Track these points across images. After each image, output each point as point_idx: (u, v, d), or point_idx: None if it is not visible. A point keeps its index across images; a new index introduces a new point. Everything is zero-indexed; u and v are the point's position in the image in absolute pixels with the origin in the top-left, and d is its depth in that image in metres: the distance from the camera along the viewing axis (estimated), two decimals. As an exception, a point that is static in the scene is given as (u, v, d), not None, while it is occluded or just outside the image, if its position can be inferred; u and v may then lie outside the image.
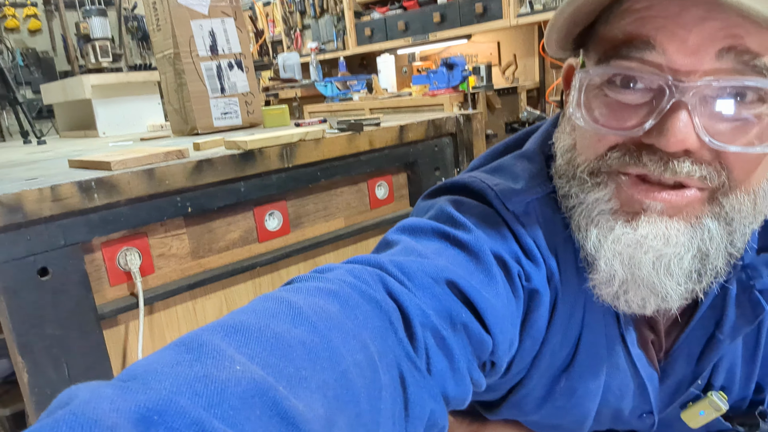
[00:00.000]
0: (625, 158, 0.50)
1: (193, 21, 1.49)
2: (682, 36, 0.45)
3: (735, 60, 0.45)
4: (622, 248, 0.50)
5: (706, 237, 0.50)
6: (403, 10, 3.57)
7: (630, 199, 0.51)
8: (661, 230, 0.49)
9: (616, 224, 0.51)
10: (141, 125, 2.38)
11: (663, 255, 0.50)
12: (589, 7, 0.49)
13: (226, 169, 1.05)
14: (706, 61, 0.45)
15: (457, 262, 0.53)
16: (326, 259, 1.33)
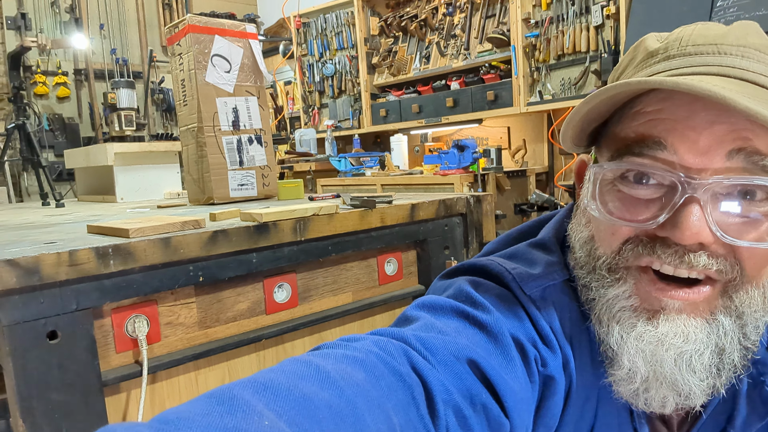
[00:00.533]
0: (639, 249, 0.51)
1: (219, 98, 1.57)
2: (692, 138, 0.48)
3: (745, 160, 0.48)
4: (645, 345, 0.51)
5: (722, 332, 0.51)
6: (418, 94, 3.72)
7: (649, 297, 0.52)
8: (681, 328, 0.50)
9: (638, 321, 0.52)
10: (158, 192, 2.44)
11: (684, 352, 0.50)
12: (603, 108, 0.53)
13: (240, 240, 1.07)
14: (716, 160, 0.48)
15: (476, 342, 0.53)
16: (332, 333, 1.33)
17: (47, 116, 4.75)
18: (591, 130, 0.57)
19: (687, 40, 0.53)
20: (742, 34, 0.52)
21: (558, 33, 2.90)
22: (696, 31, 0.53)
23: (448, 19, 3.55)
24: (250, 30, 1.67)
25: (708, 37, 0.52)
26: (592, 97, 0.51)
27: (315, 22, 4.39)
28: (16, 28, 4.60)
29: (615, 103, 0.52)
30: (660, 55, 0.54)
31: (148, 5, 5.29)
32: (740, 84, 0.48)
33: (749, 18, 2.17)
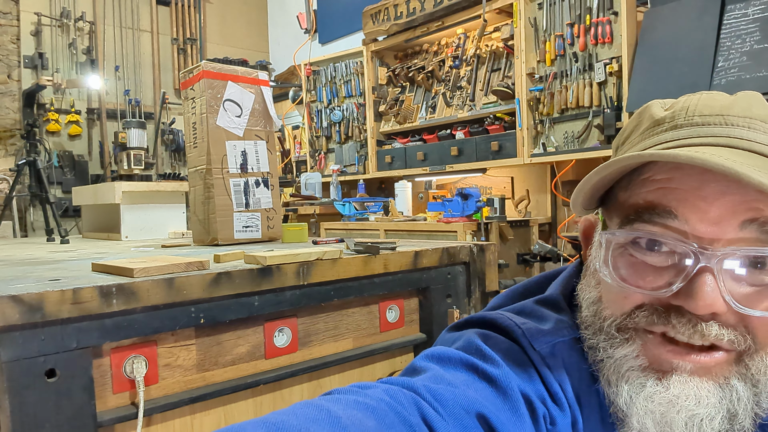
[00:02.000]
0: (653, 318, 0.51)
1: (228, 141, 1.60)
2: (703, 208, 0.49)
3: (758, 230, 0.48)
4: (655, 407, 0.51)
5: (734, 398, 0.50)
6: (423, 142, 3.77)
7: (658, 358, 0.52)
8: (693, 390, 0.50)
9: (647, 381, 0.52)
10: (163, 232, 2.46)
11: (696, 415, 0.50)
12: (612, 176, 0.54)
13: (243, 282, 1.08)
14: (729, 231, 0.48)
15: (486, 396, 0.52)
16: (331, 381, 1.31)
17: (57, 153, 4.83)
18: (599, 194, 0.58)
19: (693, 110, 0.54)
20: (747, 105, 0.53)
21: (562, 88, 2.97)
22: (702, 101, 0.54)
23: (454, 72, 3.64)
24: (262, 77, 1.72)
25: (714, 108, 0.53)
26: (604, 167, 0.52)
27: (325, 70, 4.50)
28: (33, 66, 4.72)
29: (623, 170, 0.53)
30: (667, 123, 0.55)
31: (164, 49, 5.44)
32: (748, 156, 0.49)
33: (749, 79, 2.23)
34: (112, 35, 5.12)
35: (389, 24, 3.82)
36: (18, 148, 4.68)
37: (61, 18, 4.85)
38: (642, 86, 2.56)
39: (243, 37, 5.94)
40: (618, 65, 2.71)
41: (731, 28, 2.35)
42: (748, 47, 2.28)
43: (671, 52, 2.50)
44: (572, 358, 0.60)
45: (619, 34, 2.72)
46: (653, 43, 2.59)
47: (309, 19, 5.32)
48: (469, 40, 3.62)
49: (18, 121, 4.66)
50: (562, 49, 2.96)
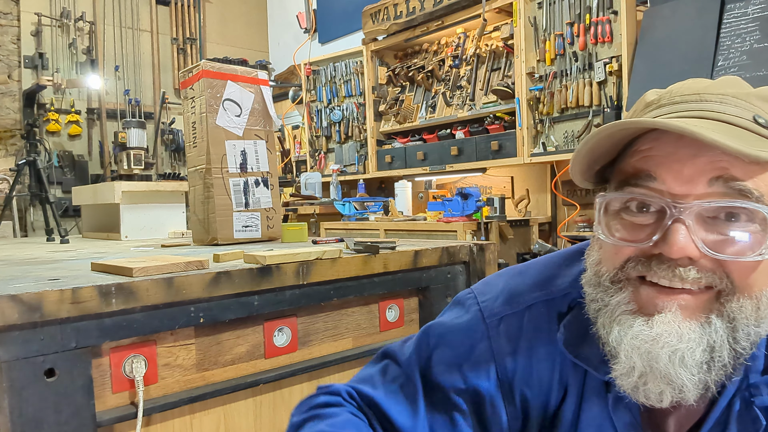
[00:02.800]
0: (639, 267, 0.59)
1: (228, 141, 1.60)
2: (677, 169, 0.57)
3: (724, 186, 0.55)
4: (640, 343, 0.57)
5: (713, 333, 0.57)
6: (423, 141, 3.77)
7: (647, 302, 0.59)
8: (675, 328, 0.56)
9: (635, 322, 0.58)
10: (163, 231, 2.46)
11: (678, 350, 0.56)
12: (605, 148, 0.62)
13: (243, 282, 1.08)
14: (699, 187, 0.56)
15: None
16: (331, 381, 1.31)
17: (57, 153, 4.83)
18: (599, 169, 0.66)
19: (676, 92, 0.63)
20: (722, 85, 0.61)
21: (562, 87, 2.97)
22: (685, 85, 0.63)
23: (454, 71, 3.64)
24: (262, 77, 1.72)
25: (693, 89, 0.62)
26: (591, 135, 0.60)
27: (325, 69, 4.50)
28: (33, 67, 4.72)
29: (615, 144, 0.61)
30: (654, 105, 0.64)
31: (163, 49, 5.44)
32: (715, 124, 0.57)
33: (749, 78, 2.22)
34: (112, 35, 5.12)
35: (389, 23, 3.82)
36: (18, 148, 4.68)
37: (61, 18, 4.85)
38: (642, 85, 2.56)
39: (243, 36, 5.94)
40: (618, 64, 2.71)
41: (731, 27, 2.35)
42: (747, 46, 2.28)
43: (671, 51, 2.50)
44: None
45: (618, 33, 2.71)
46: (653, 43, 2.59)
47: (309, 19, 5.32)
48: (469, 39, 3.62)
49: (18, 121, 4.66)
50: (562, 49, 2.96)
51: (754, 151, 0.53)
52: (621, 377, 0.59)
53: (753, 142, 0.55)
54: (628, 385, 0.59)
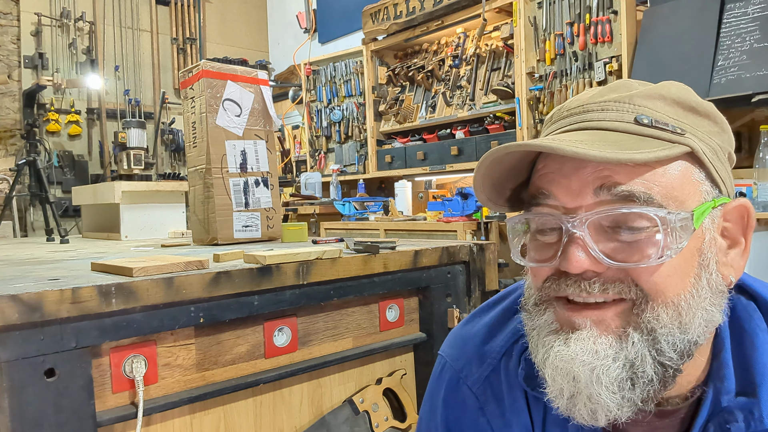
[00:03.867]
0: (553, 286, 0.59)
1: (228, 141, 1.60)
2: (565, 184, 0.58)
3: (608, 194, 0.55)
4: (561, 363, 0.57)
5: (630, 347, 0.55)
6: (423, 141, 3.77)
7: (564, 320, 0.59)
8: (590, 345, 0.56)
9: (555, 342, 0.58)
10: (163, 231, 2.46)
11: (594, 367, 0.55)
12: (499, 174, 0.62)
13: (243, 282, 1.07)
14: (587, 198, 0.56)
15: None
16: (331, 380, 1.31)
17: (57, 153, 4.83)
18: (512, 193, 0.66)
19: (566, 106, 0.63)
20: (607, 91, 0.61)
21: (561, 87, 2.97)
22: (576, 97, 0.64)
23: (454, 71, 3.64)
24: (262, 76, 1.72)
25: (579, 101, 0.62)
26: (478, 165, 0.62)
27: (325, 69, 4.50)
28: (33, 67, 4.72)
29: (516, 167, 0.62)
30: (550, 121, 0.65)
31: (163, 49, 5.44)
32: (593, 133, 0.58)
33: (749, 78, 2.22)
34: (112, 35, 5.12)
35: (389, 23, 3.82)
36: (18, 148, 4.68)
37: (61, 18, 4.85)
38: (642, 85, 2.55)
39: (243, 36, 5.94)
40: (618, 64, 2.71)
41: (731, 26, 2.35)
42: (747, 46, 2.28)
43: (671, 51, 2.50)
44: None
45: (618, 33, 2.71)
46: (653, 42, 2.59)
47: (309, 19, 5.31)
48: (469, 39, 3.61)
49: (18, 121, 4.66)
50: (562, 48, 2.96)
51: (627, 154, 0.53)
52: (554, 400, 0.58)
53: (632, 145, 0.55)
54: (562, 407, 0.58)
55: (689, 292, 0.56)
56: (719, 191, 0.59)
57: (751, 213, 0.61)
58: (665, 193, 0.55)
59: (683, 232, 0.55)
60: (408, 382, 1.43)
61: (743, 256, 0.62)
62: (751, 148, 2.51)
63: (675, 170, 0.56)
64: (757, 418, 0.57)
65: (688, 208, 0.56)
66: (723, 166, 0.60)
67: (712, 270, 0.58)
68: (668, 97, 0.59)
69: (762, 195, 2.23)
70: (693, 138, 0.57)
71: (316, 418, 1.27)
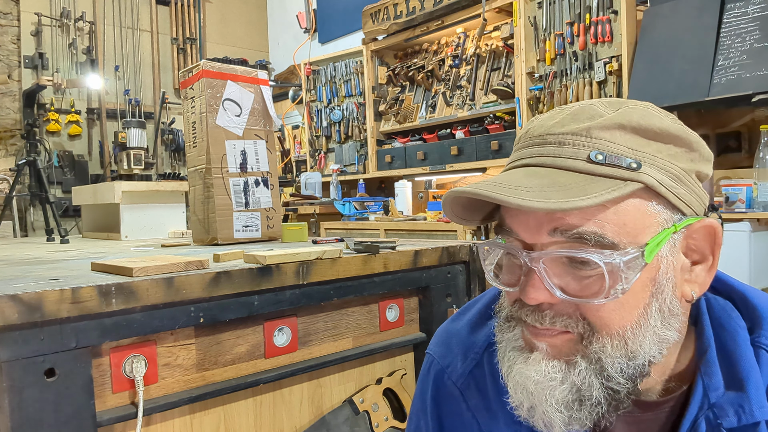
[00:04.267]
0: (519, 311, 0.63)
1: (228, 141, 1.60)
2: (524, 221, 0.60)
3: (562, 235, 0.58)
4: (519, 379, 0.61)
5: (577, 374, 0.59)
6: (423, 141, 3.78)
7: (527, 340, 0.63)
8: (542, 367, 0.60)
9: (518, 359, 0.63)
10: (163, 231, 2.46)
11: (544, 387, 0.59)
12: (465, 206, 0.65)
13: (243, 282, 1.07)
14: (543, 237, 0.59)
15: None
16: (331, 380, 1.31)
17: (57, 153, 4.83)
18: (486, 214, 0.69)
19: (531, 132, 0.64)
20: (570, 119, 0.61)
21: (561, 87, 2.97)
22: (539, 122, 0.64)
23: (454, 71, 3.64)
24: (262, 76, 1.72)
25: (544, 128, 0.63)
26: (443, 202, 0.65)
27: (325, 69, 4.50)
28: (33, 67, 4.73)
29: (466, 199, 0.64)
30: (518, 143, 0.66)
31: (163, 49, 5.44)
32: (546, 175, 0.59)
33: (749, 78, 2.22)
34: (112, 35, 5.12)
35: (389, 23, 3.82)
36: (18, 148, 4.68)
37: (61, 18, 4.85)
38: (642, 85, 2.56)
39: (243, 36, 5.94)
40: (618, 64, 2.71)
41: (731, 26, 2.35)
42: (747, 46, 2.28)
43: (671, 51, 2.50)
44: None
45: (618, 32, 2.72)
46: (653, 42, 2.59)
47: (309, 19, 5.32)
48: (469, 39, 3.62)
49: (18, 121, 4.66)
50: (562, 48, 2.96)
51: (571, 203, 0.54)
52: (516, 409, 0.63)
53: (582, 188, 0.56)
54: (523, 415, 0.62)
55: (636, 323, 0.59)
56: (683, 214, 0.60)
57: (718, 232, 0.62)
58: (618, 231, 0.57)
59: (631, 271, 0.57)
60: (408, 382, 1.43)
61: (710, 271, 0.63)
62: (751, 148, 2.51)
63: (628, 206, 0.57)
64: (747, 412, 0.59)
65: (642, 241, 0.57)
66: (688, 188, 0.60)
67: (667, 296, 0.60)
68: (628, 125, 0.59)
69: (762, 195, 2.23)
70: (650, 169, 0.58)
71: (316, 418, 1.27)
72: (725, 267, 0.65)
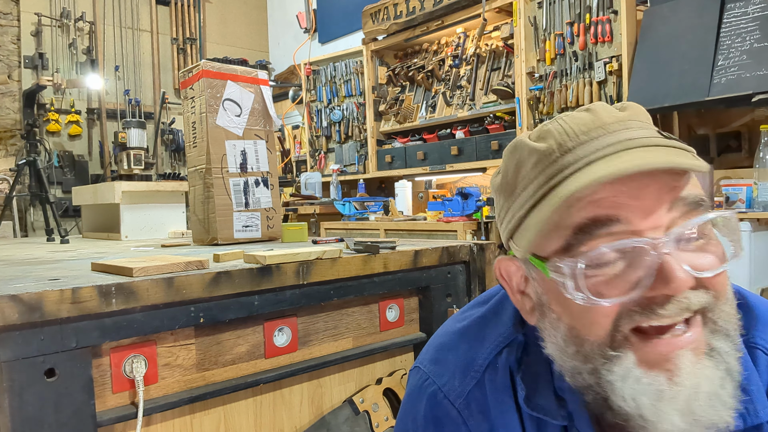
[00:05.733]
0: (636, 318, 0.54)
1: (228, 141, 1.60)
2: (637, 205, 0.54)
3: (683, 204, 0.54)
4: (679, 404, 0.53)
5: (723, 356, 0.55)
6: (423, 141, 3.77)
7: (657, 357, 0.54)
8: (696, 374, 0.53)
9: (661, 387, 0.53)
10: (163, 231, 2.46)
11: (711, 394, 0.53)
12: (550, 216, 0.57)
13: (243, 282, 1.07)
14: (663, 216, 0.54)
15: None
16: (331, 380, 1.31)
17: (57, 153, 4.83)
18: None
19: (574, 132, 0.58)
20: (607, 113, 0.58)
21: (562, 87, 2.97)
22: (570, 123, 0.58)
23: (454, 71, 3.64)
24: (262, 76, 1.72)
25: (587, 124, 0.58)
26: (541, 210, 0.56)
27: (325, 69, 4.50)
28: (33, 67, 4.72)
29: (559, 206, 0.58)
30: (557, 151, 0.58)
31: (163, 49, 5.44)
32: (643, 149, 0.54)
33: (749, 77, 2.22)
34: (112, 35, 5.12)
35: (389, 23, 3.82)
36: (18, 148, 4.68)
37: (61, 18, 4.85)
38: (642, 85, 2.56)
39: (243, 36, 5.94)
40: (618, 64, 2.71)
41: (731, 26, 2.35)
42: (747, 46, 2.28)
43: (671, 51, 2.50)
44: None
45: (618, 32, 2.71)
46: (653, 42, 2.59)
47: (309, 19, 5.31)
48: (469, 39, 3.61)
49: (18, 121, 4.66)
50: (562, 48, 2.96)
51: (698, 162, 0.53)
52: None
53: (684, 155, 0.55)
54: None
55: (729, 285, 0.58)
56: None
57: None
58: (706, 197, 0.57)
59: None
60: (408, 382, 1.43)
61: None
62: (751, 148, 2.51)
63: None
64: (752, 413, 0.59)
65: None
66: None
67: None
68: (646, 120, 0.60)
69: (762, 195, 2.23)
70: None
71: (316, 418, 1.27)
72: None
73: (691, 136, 2.63)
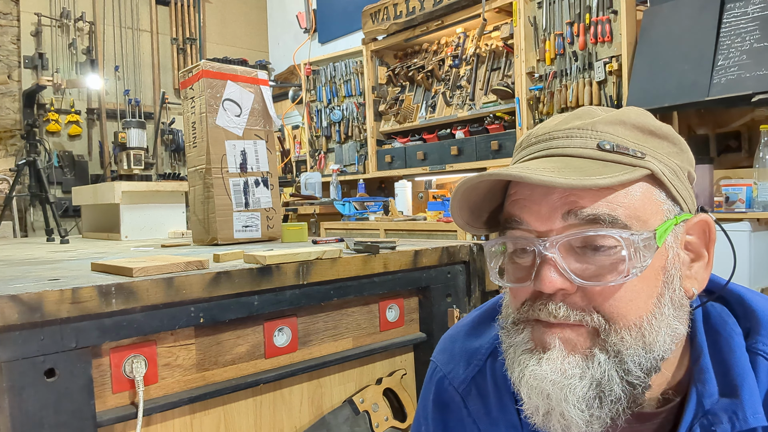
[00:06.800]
0: (529, 310, 0.61)
1: (228, 141, 1.60)
2: (535, 210, 0.60)
3: (576, 218, 0.58)
4: (534, 382, 0.59)
5: (596, 368, 0.58)
6: (423, 141, 3.77)
7: (538, 340, 0.61)
8: (558, 365, 0.58)
9: (530, 362, 0.61)
10: (163, 231, 2.46)
11: (563, 386, 0.58)
12: (476, 200, 0.65)
13: (243, 282, 1.07)
14: (556, 223, 0.59)
15: None
16: (331, 380, 1.31)
17: (57, 153, 4.83)
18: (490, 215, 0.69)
19: (534, 133, 0.66)
20: (572, 118, 0.64)
21: (561, 87, 2.97)
22: (544, 124, 0.66)
23: (454, 71, 3.64)
24: (262, 76, 1.72)
25: (546, 127, 0.65)
26: (455, 191, 0.65)
27: (324, 69, 4.50)
28: (33, 67, 4.72)
29: (490, 192, 0.65)
30: (520, 146, 0.68)
31: (163, 49, 5.44)
32: (559, 160, 0.60)
33: (749, 77, 2.22)
34: (112, 35, 5.12)
35: (389, 23, 3.82)
36: (18, 148, 4.68)
37: (61, 18, 4.85)
38: (642, 85, 2.56)
39: (243, 36, 5.94)
40: (618, 64, 2.71)
41: (731, 26, 2.35)
42: (747, 46, 2.28)
43: (671, 51, 2.50)
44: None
45: (618, 32, 2.71)
46: (653, 42, 2.59)
47: (308, 19, 5.32)
48: (469, 39, 3.61)
49: (18, 122, 4.66)
50: (562, 48, 2.96)
51: (590, 180, 0.56)
52: (531, 417, 0.61)
53: (595, 170, 0.57)
54: (538, 423, 0.60)
55: (651, 313, 0.58)
56: (680, 209, 0.62)
57: (711, 227, 0.64)
58: (629, 214, 0.58)
59: (647, 250, 0.58)
60: (408, 382, 1.43)
61: (707, 268, 0.65)
62: (751, 148, 2.51)
63: (637, 192, 0.59)
64: (741, 419, 0.59)
65: (651, 226, 0.59)
66: (683, 185, 0.63)
67: (676, 286, 0.61)
68: (628, 122, 0.62)
69: (762, 195, 2.23)
70: (653, 160, 0.60)
71: (316, 418, 1.27)
72: (725, 267, 0.65)
73: (691, 136, 2.63)
